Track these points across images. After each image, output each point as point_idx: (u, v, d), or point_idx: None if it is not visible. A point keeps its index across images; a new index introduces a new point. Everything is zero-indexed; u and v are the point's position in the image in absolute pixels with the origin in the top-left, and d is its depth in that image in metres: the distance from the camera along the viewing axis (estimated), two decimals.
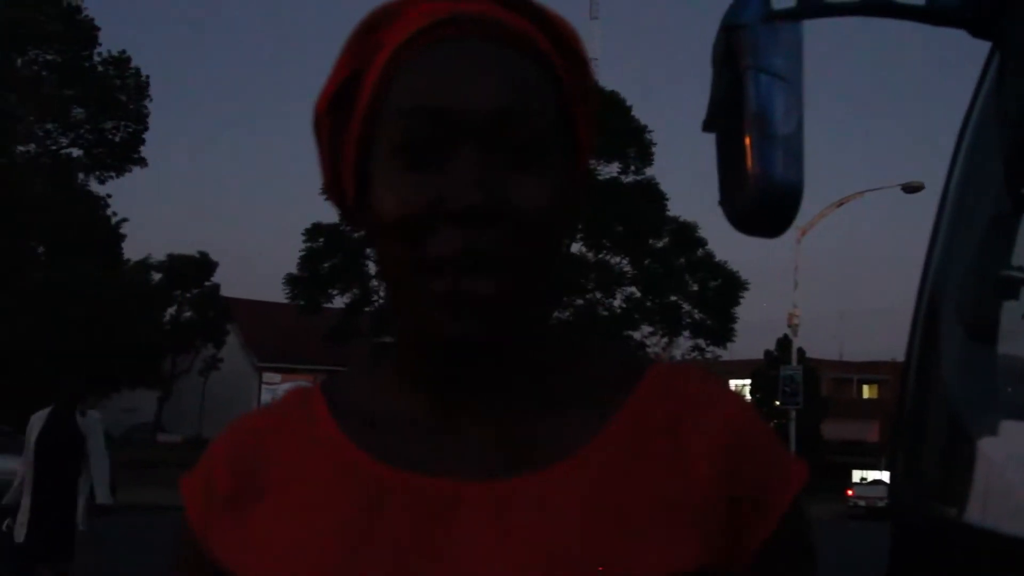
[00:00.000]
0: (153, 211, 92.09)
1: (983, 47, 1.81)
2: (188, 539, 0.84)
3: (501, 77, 0.75)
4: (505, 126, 0.74)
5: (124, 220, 35.91)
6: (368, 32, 0.79)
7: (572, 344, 0.86)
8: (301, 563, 0.76)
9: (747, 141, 0.94)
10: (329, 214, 34.34)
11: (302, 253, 35.89)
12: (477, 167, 0.73)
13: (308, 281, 35.67)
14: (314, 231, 35.67)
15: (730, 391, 0.83)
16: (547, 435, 0.79)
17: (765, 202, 0.94)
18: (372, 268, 32.56)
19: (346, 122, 0.80)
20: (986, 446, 1.59)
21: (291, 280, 36.05)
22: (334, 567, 0.75)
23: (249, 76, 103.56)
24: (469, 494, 0.76)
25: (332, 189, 0.84)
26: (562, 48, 0.79)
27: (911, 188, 28.04)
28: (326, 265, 35.46)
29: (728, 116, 0.97)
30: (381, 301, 32.20)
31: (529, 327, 0.81)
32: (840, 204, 30.23)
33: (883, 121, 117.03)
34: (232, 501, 0.82)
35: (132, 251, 55.35)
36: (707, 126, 0.99)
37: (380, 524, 0.76)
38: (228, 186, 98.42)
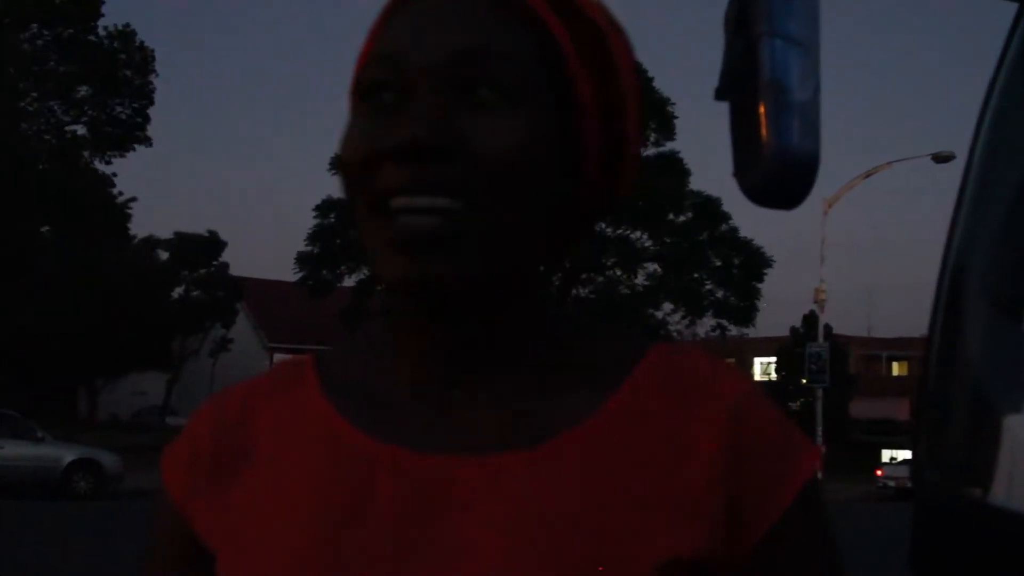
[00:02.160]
0: (159, 190, 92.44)
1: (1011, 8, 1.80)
2: (167, 511, 0.84)
3: (462, 22, 0.75)
4: (461, 66, 0.74)
5: (133, 199, 36.07)
6: (385, 14, 0.81)
7: (572, 321, 0.85)
8: (287, 537, 0.76)
9: (761, 109, 0.93)
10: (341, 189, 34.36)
11: (312, 230, 35.92)
12: (427, 105, 0.73)
13: (319, 258, 35.71)
14: (325, 206, 35.68)
15: (736, 371, 0.82)
16: (543, 411, 0.79)
17: (780, 172, 0.93)
18: None
19: None
20: (1012, 425, 1.59)
21: (302, 258, 36.09)
22: (322, 543, 0.75)
23: (258, 49, 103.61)
24: (463, 470, 0.76)
25: None
26: (561, 7, 0.79)
27: (942, 158, 27.87)
28: (338, 241, 35.47)
29: (742, 84, 0.97)
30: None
31: (505, 291, 0.79)
32: (868, 175, 30.07)
33: (913, 88, 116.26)
34: (216, 472, 0.82)
35: (139, 230, 55.55)
36: (720, 94, 0.99)
37: (371, 500, 0.76)
38: (237, 163, 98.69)
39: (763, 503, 0.76)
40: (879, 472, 35.08)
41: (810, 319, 42.46)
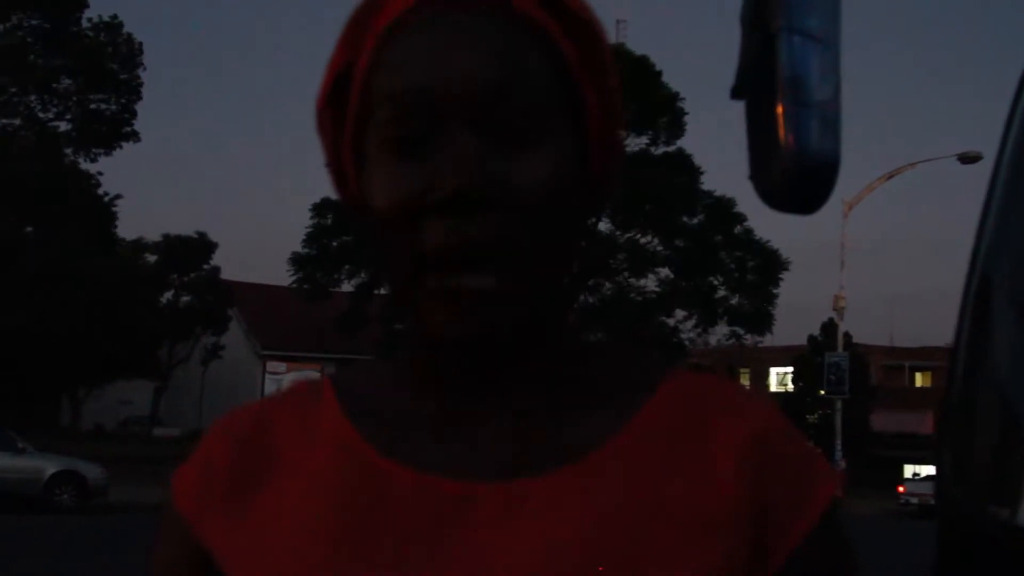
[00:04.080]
0: (147, 190, 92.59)
1: None
2: (177, 531, 0.85)
3: (490, 48, 0.75)
4: (495, 103, 0.74)
5: (118, 197, 36.09)
6: (359, 20, 0.80)
7: (589, 344, 0.87)
8: (306, 559, 0.77)
9: (779, 109, 0.93)
10: None
11: (309, 230, 35.93)
12: (467, 149, 0.73)
13: (315, 261, 35.71)
14: (322, 206, 35.69)
15: (756, 397, 0.84)
16: (562, 437, 0.80)
17: (798, 175, 0.93)
18: None
19: (344, 115, 0.81)
20: None
21: (297, 260, 36.07)
22: (335, 564, 0.76)
23: (252, 41, 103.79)
24: (480, 494, 0.77)
25: (338, 186, 0.85)
26: (557, 13, 0.79)
27: (968, 158, 27.89)
28: (335, 244, 35.48)
29: (759, 82, 0.97)
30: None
31: (542, 321, 0.81)
32: (891, 176, 30.10)
33: (938, 84, 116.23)
34: (232, 491, 0.83)
35: (126, 232, 55.65)
36: (736, 93, 0.99)
37: (386, 521, 0.77)
38: (228, 161, 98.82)
39: (785, 529, 0.78)
40: (901, 488, 35.06)
41: (829, 327, 42.44)
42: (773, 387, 59.27)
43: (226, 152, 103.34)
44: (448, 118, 0.74)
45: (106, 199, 35.65)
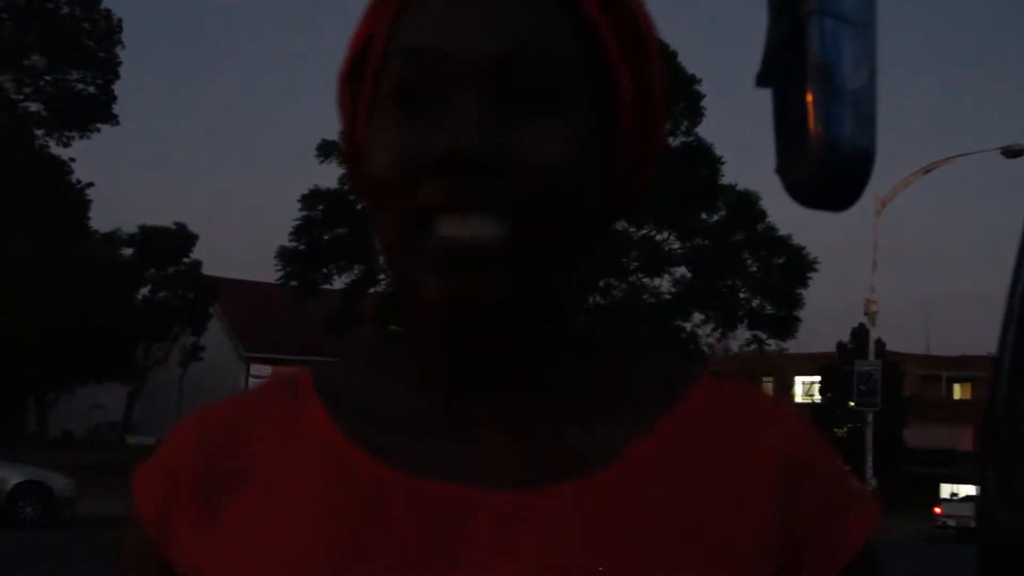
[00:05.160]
0: (123, 178, 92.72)
1: None
2: (141, 543, 0.84)
3: (508, 13, 0.76)
4: (512, 68, 0.75)
5: (90, 184, 36.13)
6: None
7: (609, 340, 0.87)
8: (288, 571, 0.76)
9: (809, 97, 0.93)
10: (330, 178, 34.40)
11: (297, 222, 35.94)
12: (476, 112, 0.74)
13: (304, 255, 35.70)
14: (312, 197, 35.69)
15: (793, 410, 0.84)
16: (573, 444, 0.80)
17: (829, 169, 0.93)
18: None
19: (361, 86, 0.82)
20: None
21: (285, 254, 36.07)
22: None
23: (239, 19, 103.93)
24: (481, 504, 0.77)
25: (352, 164, 0.85)
26: None
27: (1012, 152, 27.87)
28: (325, 237, 35.47)
29: (787, 68, 0.96)
30: (389, 281, 32.19)
31: (545, 303, 0.80)
32: (928, 171, 30.08)
33: (980, 73, 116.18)
34: (200, 499, 0.82)
35: (99, 222, 55.74)
36: (762, 80, 0.98)
37: (378, 532, 0.77)
38: (211, 147, 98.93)
39: (819, 559, 0.78)
40: (937, 509, 35.09)
41: (860, 333, 42.50)
42: (798, 397, 59.25)
43: (209, 137, 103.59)
44: (457, 78, 0.75)
45: (79, 187, 35.69)
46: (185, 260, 44.66)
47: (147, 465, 0.87)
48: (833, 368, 47.72)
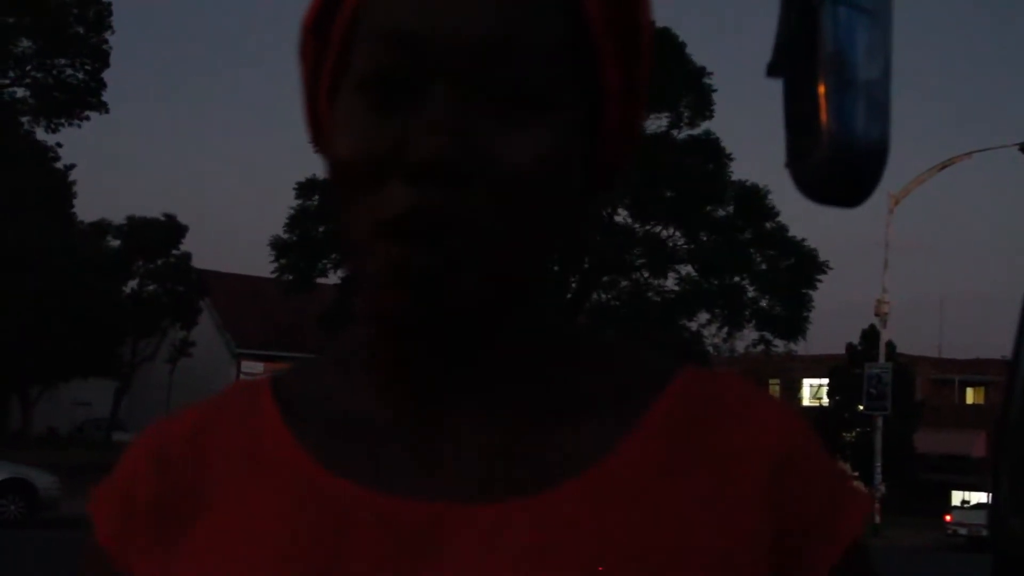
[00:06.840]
0: (110, 166, 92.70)
1: None
2: (99, 565, 0.83)
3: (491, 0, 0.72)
4: (495, 61, 0.72)
5: (72, 166, 36.06)
6: None
7: (583, 337, 0.85)
8: None
9: (821, 89, 0.93)
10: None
11: (292, 213, 35.88)
12: (450, 110, 0.71)
13: (299, 247, 35.66)
14: (307, 186, 35.67)
15: (776, 401, 0.82)
16: (549, 450, 0.78)
17: (841, 163, 0.93)
18: None
19: (326, 47, 0.79)
20: None
21: (278, 246, 36.01)
22: None
23: (228, 5, 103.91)
24: (453, 519, 0.75)
25: (312, 128, 0.83)
26: None
27: None
28: (321, 229, 35.42)
29: (799, 58, 0.96)
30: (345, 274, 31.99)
31: (511, 308, 0.78)
32: (943, 167, 30.09)
33: (999, 66, 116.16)
34: (160, 519, 0.81)
35: (85, 213, 55.74)
36: (772, 70, 0.98)
37: (348, 551, 0.74)
38: (204, 135, 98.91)
39: (809, 560, 0.77)
40: (948, 517, 35.09)
41: (870, 335, 42.55)
42: (806, 400, 59.28)
43: (199, 126, 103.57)
44: (434, 70, 0.71)
45: (62, 171, 35.71)
46: (174, 252, 44.54)
47: (104, 487, 0.85)
48: (842, 370, 47.76)
